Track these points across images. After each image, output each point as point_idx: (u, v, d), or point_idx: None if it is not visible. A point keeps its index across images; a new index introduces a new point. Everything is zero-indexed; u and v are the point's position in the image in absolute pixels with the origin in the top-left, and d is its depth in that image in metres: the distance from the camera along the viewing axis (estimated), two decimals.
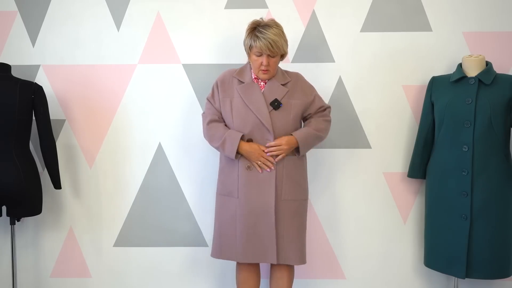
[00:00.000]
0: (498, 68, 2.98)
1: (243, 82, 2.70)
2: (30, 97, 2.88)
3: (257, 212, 2.63)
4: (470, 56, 2.85)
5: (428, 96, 2.94)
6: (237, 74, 2.73)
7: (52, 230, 3.19)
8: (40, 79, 3.13)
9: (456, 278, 2.94)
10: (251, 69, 2.72)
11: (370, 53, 3.09)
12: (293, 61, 3.08)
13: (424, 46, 3.08)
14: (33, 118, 2.96)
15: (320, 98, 2.79)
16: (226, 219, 2.71)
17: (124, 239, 3.18)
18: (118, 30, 3.13)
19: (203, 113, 2.82)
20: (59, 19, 3.13)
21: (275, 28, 2.59)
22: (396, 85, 3.10)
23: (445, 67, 3.06)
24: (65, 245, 3.19)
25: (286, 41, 2.65)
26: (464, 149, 2.75)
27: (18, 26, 3.13)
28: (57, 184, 3.00)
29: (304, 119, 2.79)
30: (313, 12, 3.10)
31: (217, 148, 2.72)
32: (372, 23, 3.09)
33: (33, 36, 3.14)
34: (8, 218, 2.99)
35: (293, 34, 3.06)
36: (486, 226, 2.73)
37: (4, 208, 2.98)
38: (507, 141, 2.80)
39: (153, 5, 3.12)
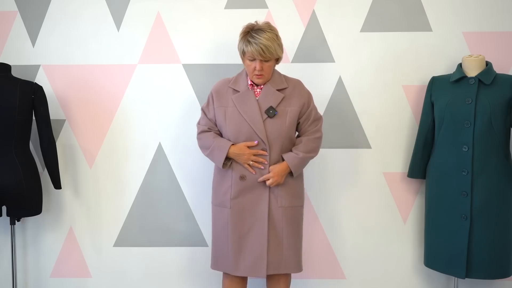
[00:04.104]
0: (498, 68, 2.98)
1: (239, 91, 2.64)
2: (30, 97, 2.88)
3: (249, 222, 2.60)
4: (470, 56, 2.85)
5: (428, 96, 2.94)
6: (232, 84, 2.67)
7: (52, 230, 3.19)
8: (40, 79, 3.13)
9: (456, 278, 2.94)
10: (247, 75, 2.66)
11: (370, 53, 3.09)
12: (293, 61, 3.08)
13: (424, 46, 3.07)
14: (33, 118, 2.97)
15: (315, 109, 2.71)
16: (218, 229, 2.68)
17: (124, 239, 3.18)
18: (118, 30, 3.13)
19: (198, 123, 2.78)
20: (59, 19, 3.13)
21: (268, 32, 2.52)
22: (396, 85, 3.10)
23: (445, 67, 3.06)
24: (65, 245, 3.19)
25: (280, 45, 2.57)
26: (464, 149, 2.75)
27: (18, 26, 3.13)
28: (57, 184, 3.00)
29: (297, 126, 2.70)
30: (313, 12, 3.10)
31: (207, 156, 2.69)
32: (372, 23, 3.09)
33: (33, 36, 3.14)
34: (8, 218, 3.00)
35: (293, 34, 3.06)
36: (486, 226, 2.73)
37: (4, 208, 2.97)
38: (507, 141, 2.79)
39: (153, 5, 3.12)
